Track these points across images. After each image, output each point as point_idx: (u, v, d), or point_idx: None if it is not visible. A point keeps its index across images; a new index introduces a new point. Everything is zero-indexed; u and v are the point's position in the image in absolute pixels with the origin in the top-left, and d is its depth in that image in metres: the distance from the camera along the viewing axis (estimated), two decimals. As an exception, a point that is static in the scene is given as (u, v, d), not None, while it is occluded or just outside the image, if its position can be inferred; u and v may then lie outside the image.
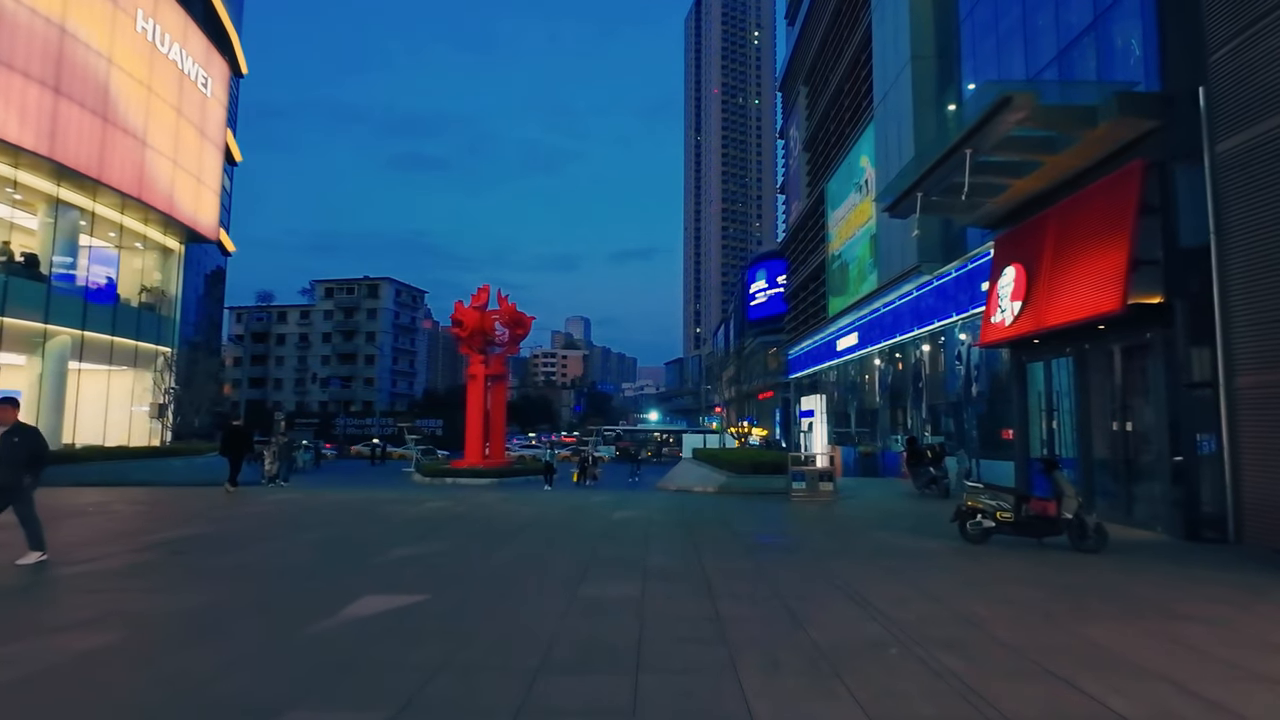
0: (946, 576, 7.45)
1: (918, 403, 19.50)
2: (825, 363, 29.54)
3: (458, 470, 27.75)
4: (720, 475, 17.55)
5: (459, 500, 15.10)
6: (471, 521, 11.55)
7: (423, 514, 12.50)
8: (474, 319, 30.41)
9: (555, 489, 20.01)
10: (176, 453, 23.42)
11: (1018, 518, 8.99)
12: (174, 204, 30.11)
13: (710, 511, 13.11)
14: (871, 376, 24.33)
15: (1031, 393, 13.87)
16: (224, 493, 15.56)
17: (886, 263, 20.35)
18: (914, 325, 19.26)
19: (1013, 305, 13.00)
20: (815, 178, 31.13)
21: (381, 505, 14.09)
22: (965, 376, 16.38)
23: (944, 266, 17.32)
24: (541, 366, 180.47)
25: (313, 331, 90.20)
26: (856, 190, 23.83)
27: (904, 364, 20.99)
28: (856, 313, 24.42)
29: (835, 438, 29.45)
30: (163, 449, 23.68)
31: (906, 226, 18.70)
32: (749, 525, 11.29)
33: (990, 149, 11.25)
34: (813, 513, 13.02)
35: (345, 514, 12.58)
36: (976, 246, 15.93)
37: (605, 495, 16.43)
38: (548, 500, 15.40)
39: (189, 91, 31.28)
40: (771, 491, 16.20)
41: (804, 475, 14.92)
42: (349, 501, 14.98)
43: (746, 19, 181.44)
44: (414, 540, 9.47)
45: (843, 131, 26.16)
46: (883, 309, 21.94)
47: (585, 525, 11.19)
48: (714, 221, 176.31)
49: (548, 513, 12.81)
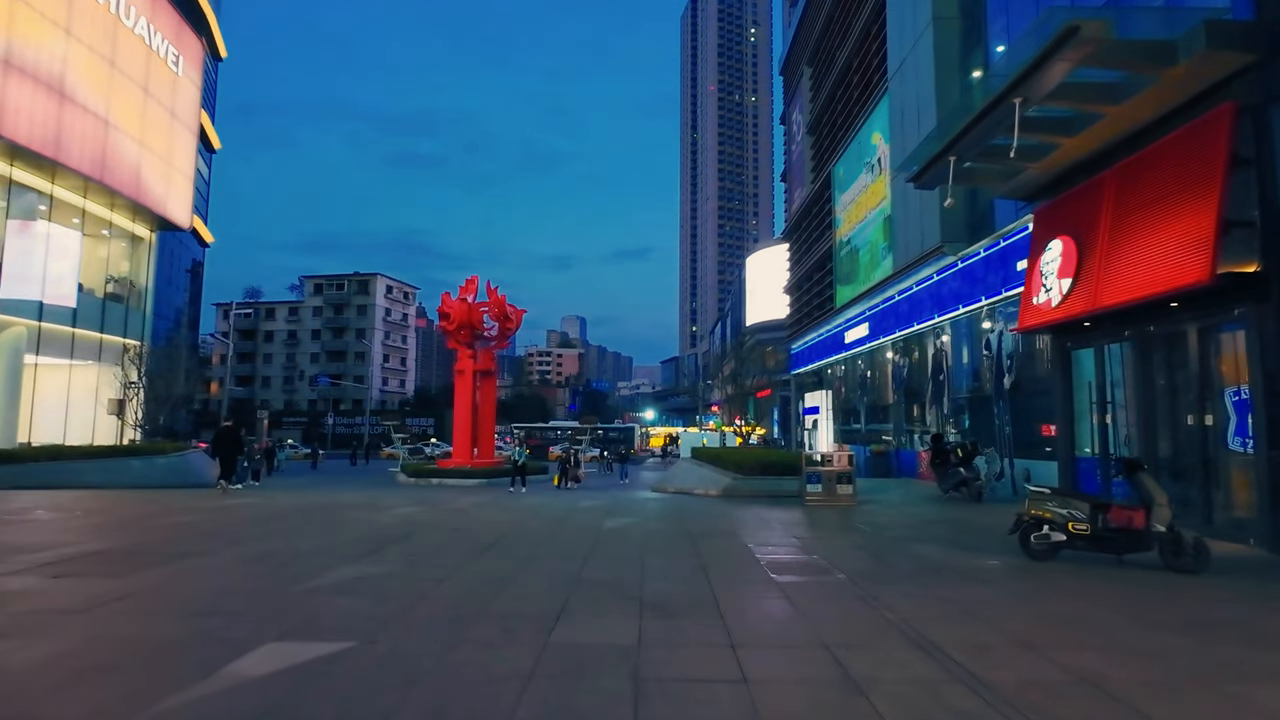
0: (1026, 609, 5.84)
1: (938, 397, 17.94)
2: (832, 356, 27.96)
3: (444, 470, 26.23)
4: (725, 477, 15.94)
5: (434, 505, 13.45)
6: (439, 532, 9.90)
7: (387, 522, 10.86)
8: (461, 311, 28.84)
9: (537, 492, 18.30)
10: (137, 452, 21.67)
11: (1095, 530, 7.39)
12: (141, 188, 28.36)
13: (716, 519, 11.49)
14: (884, 370, 22.75)
15: (1078, 383, 12.29)
16: (219, 491, 16.03)
17: (903, 246, 18.77)
18: (935, 312, 17.68)
19: (1060, 283, 11.41)
20: (820, 162, 29.55)
21: (346, 511, 12.44)
22: (995, 366, 14.80)
23: (971, 246, 15.74)
24: (537, 365, 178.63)
25: (301, 328, 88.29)
26: (867, 170, 22.24)
27: (922, 355, 19.41)
28: (867, 302, 22.84)
29: (842, 436, 27.86)
30: (120, 449, 21.93)
31: (926, 205, 17.12)
32: (764, 536, 9.67)
33: (1043, 98, 9.64)
34: (834, 520, 11.40)
35: (299, 522, 10.93)
36: (1008, 222, 14.35)
37: (594, 500, 14.80)
38: (530, 507, 13.75)
39: (157, 70, 29.52)
40: (782, 495, 14.60)
41: (820, 477, 13.31)
42: (312, 506, 13.32)
43: (743, 15, 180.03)
44: (363, 557, 7.83)
45: (851, 110, 24.57)
46: (898, 297, 20.36)
47: (571, 537, 9.56)
48: (710, 219, 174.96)
49: (529, 521, 11.17)
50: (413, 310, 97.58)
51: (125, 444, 24.21)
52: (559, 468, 21.98)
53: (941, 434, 15.67)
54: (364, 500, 14.47)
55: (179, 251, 37.94)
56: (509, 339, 32.12)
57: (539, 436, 55.85)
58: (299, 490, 18.57)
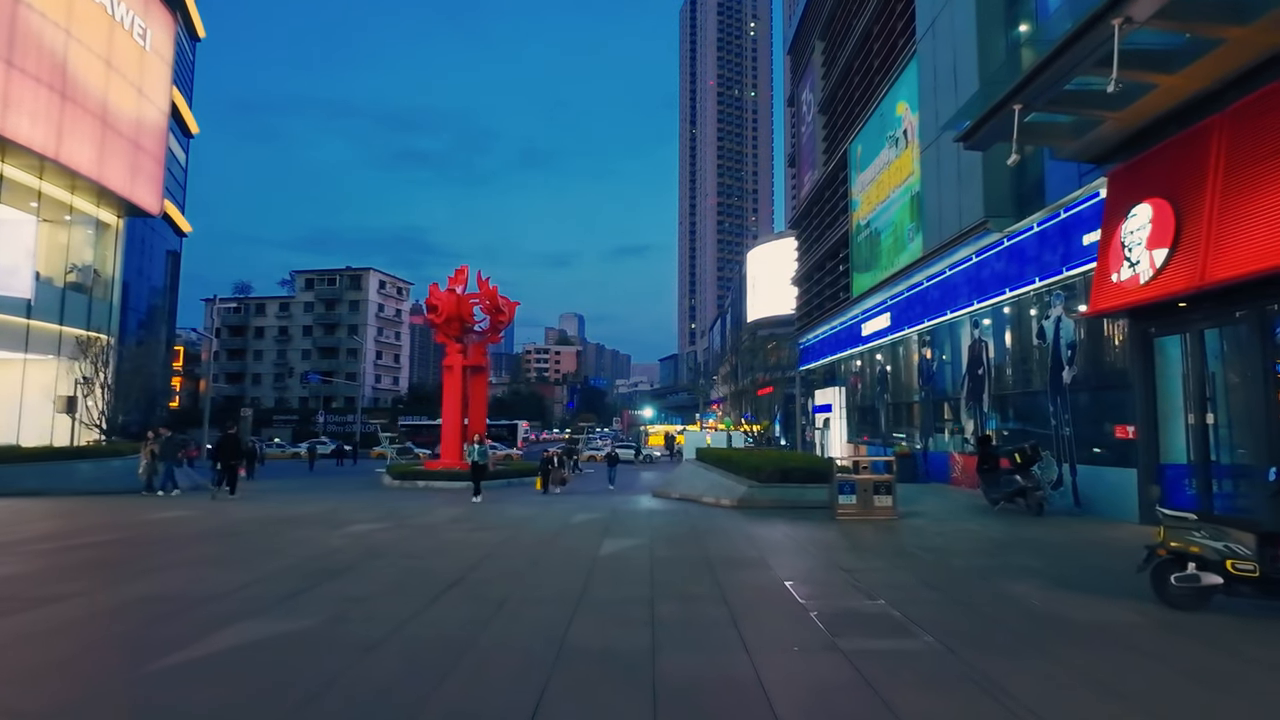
0: (1230, 702, 3.87)
1: (977, 394, 15.96)
2: (846, 350, 25.99)
3: (431, 472, 24.43)
4: (739, 484, 13.96)
5: (401, 520, 11.46)
6: (394, 561, 7.91)
7: (335, 545, 8.87)
8: (450, 303, 26.94)
9: (520, 501, 16.27)
10: (87, 454, 19.68)
11: (1265, 570, 5.44)
12: (104, 169, 26.30)
13: (736, 539, 9.52)
14: (908, 364, 20.77)
15: (1167, 376, 10.34)
16: (210, 499, 15.49)
17: (935, 225, 16.80)
18: (974, 298, 15.71)
19: (1152, 255, 9.45)
20: (833, 142, 27.56)
21: (295, 528, 10.46)
22: (1052, 358, 12.84)
23: (1020, 222, 13.76)
24: (534, 362, 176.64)
25: (293, 324, 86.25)
26: (891, 144, 20.25)
27: (955, 347, 17.45)
28: (890, 290, 20.85)
29: (857, 435, 25.92)
30: (67, 450, 19.97)
31: (966, 177, 15.15)
32: (802, 567, 7.71)
33: (1150, 16, 7.67)
34: (879, 541, 9.43)
35: (227, 546, 8.95)
36: (1067, 190, 12.38)
37: (589, 512, 12.79)
38: (513, 521, 11.75)
39: (122, 42, 27.45)
40: (806, 506, 12.64)
41: (854, 487, 11.33)
42: (260, 521, 11.34)
43: (742, 10, 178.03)
44: (280, 603, 5.85)
45: (871, 81, 22.57)
46: (926, 283, 18.38)
47: (558, 568, 7.58)
48: (709, 215, 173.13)
49: (508, 544, 9.18)
50: (407, 306, 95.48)
51: (76, 445, 22.18)
52: (541, 469, 19.70)
53: (990, 435, 13.69)
54: (323, 513, 12.47)
55: (153, 241, 35.81)
56: (501, 333, 30.16)
57: (426, 434, 53.33)
58: (264, 498, 16.58)
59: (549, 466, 19.34)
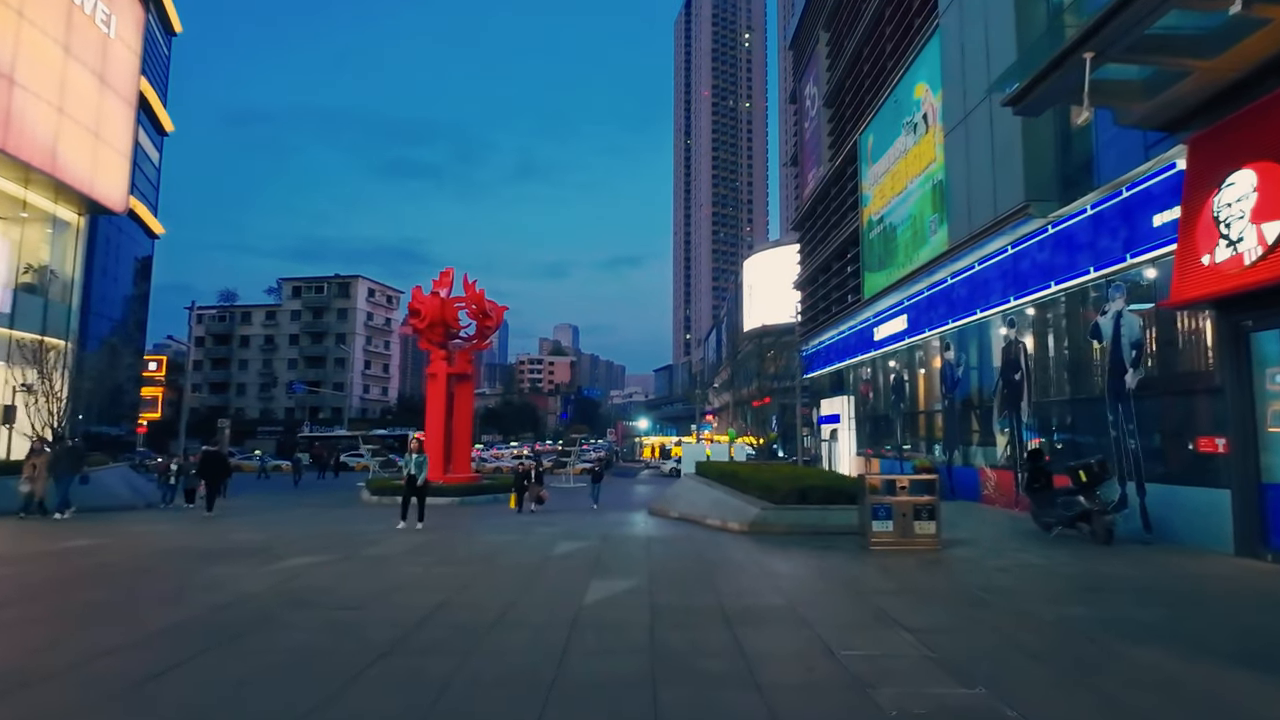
0: None
1: (1014, 401, 14.23)
2: (856, 356, 24.28)
3: None
4: (750, 505, 12.15)
5: (351, 549, 9.60)
6: (315, 615, 6.06)
7: (250, 591, 7.02)
8: (433, 307, 25.19)
9: (493, 523, 14.40)
10: (14, 470, 17.71)
11: None
12: (59, 162, 24.48)
13: (755, 579, 7.73)
14: (928, 369, 19.05)
15: (1267, 378, 8.62)
16: (201, 518, 14.96)
17: (962, 215, 15.15)
18: (1009, 294, 14.02)
19: (1260, 230, 7.77)
20: (840, 135, 25.99)
21: (217, 562, 8.61)
22: (1111, 358, 11.14)
23: (1069, 205, 12.11)
24: (528, 373, 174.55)
25: (279, 333, 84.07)
26: (908, 130, 18.65)
27: (985, 349, 15.74)
28: (907, 290, 19.17)
29: (868, 446, 24.17)
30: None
31: (1002, 158, 13.51)
32: (847, 623, 5.92)
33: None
34: (932, 582, 7.65)
35: (115, 590, 7.11)
36: (1124, 168, 10.74)
37: (574, 541, 10.93)
38: (482, 554, 9.91)
39: (81, 27, 25.72)
40: (829, 531, 10.85)
41: (890, 511, 9.54)
42: (177, 552, 9.50)
43: (737, 21, 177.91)
44: (108, 699, 4.02)
45: (883, 66, 21.02)
46: (951, 279, 16.70)
47: (528, 630, 5.74)
48: (704, 225, 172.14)
49: (473, 586, 7.34)
50: (397, 315, 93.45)
51: (9, 460, 20.18)
52: (515, 485, 17.68)
53: (1040, 449, 11.94)
54: (267, 540, 10.58)
55: (122, 243, 33.95)
56: (489, 339, 28.38)
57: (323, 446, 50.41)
58: (219, 519, 14.72)
59: (524, 482, 17.27)
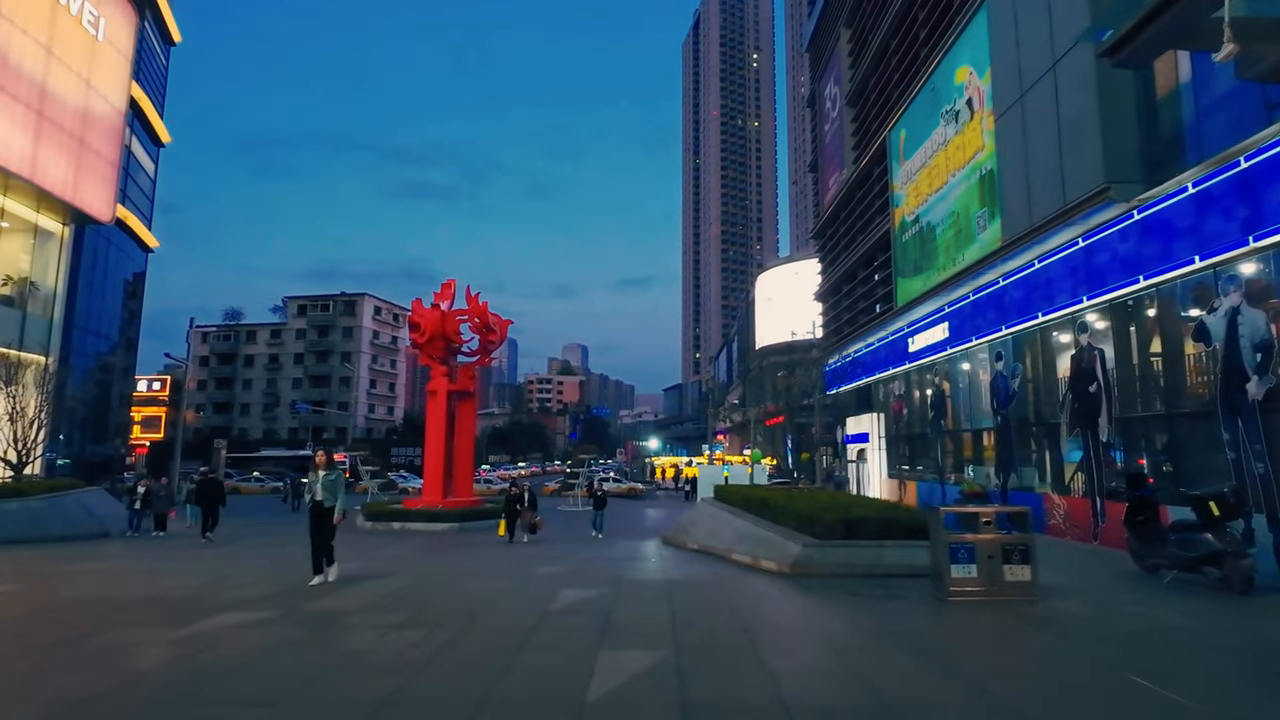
0: None
1: (1088, 417, 12.30)
2: (888, 370, 22.37)
3: (410, 512, 21.01)
4: (787, 540, 10.21)
5: (294, 603, 7.76)
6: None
7: (132, 674, 5.19)
8: (434, 320, 23.64)
9: (483, 557, 12.51)
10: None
11: None
12: (39, 168, 23.14)
13: (817, 652, 5.83)
14: (976, 382, 17.12)
15: None
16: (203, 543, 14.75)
17: (1020, 206, 13.36)
18: (1081, 293, 12.16)
19: None
20: (865, 135, 24.34)
21: (119, 620, 6.81)
22: (1224, 364, 9.26)
23: (1160, 186, 10.30)
24: (536, 393, 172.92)
25: (284, 352, 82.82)
26: (948, 119, 16.92)
27: (1048, 359, 13.84)
28: (948, 294, 17.32)
29: (902, 468, 22.17)
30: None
31: (1070, 137, 11.73)
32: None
33: None
34: (1063, 662, 5.72)
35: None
36: (1238, 136, 8.94)
37: (579, 586, 9.04)
38: (464, 606, 8.04)
39: (67, 27, 24.55)
40: (886, 573, 8.92)
41: (973, 551, 7.62)
42: (87, 603, 7.70)
43: (745, 42, 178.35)
44: None
45: (915, 55, 19.41)
46: (1005, 280, 14.85)
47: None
48: (713, 245, 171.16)
49: (438, 664, 5.42)
50: (403, 333, 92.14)
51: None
52: (506, 510, 15.47)
53: (1143, 473, 9.99)
54: (195, 588, 8.75)
55: (111, 256, 32.56)
56: (492, 355, 26.70)
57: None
58: (177, 552, 12.94)
59: (516, 506, 15.19)
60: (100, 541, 15.44)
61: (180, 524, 18.97)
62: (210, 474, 18.60)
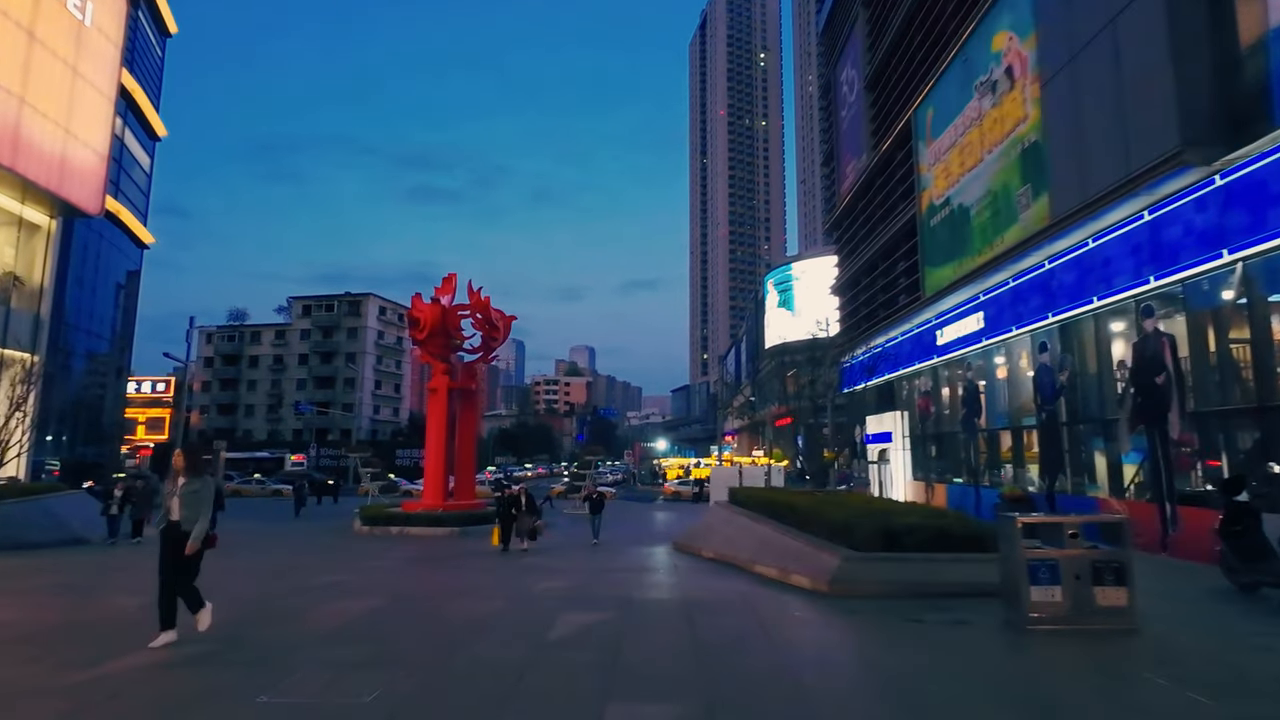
0: None
1: (1155, 412, 10.97)
2: (913, 365, 21.04)
3: (410, 516, 20.05)
4: (822, 553, 8.92)
5: (242, 631, 6.54)
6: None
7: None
8: (434, 315, 22.58)
9: (476, 569, 11.28)
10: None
11: None
12: (20, 155, 22.11)
13: (892, 711, 4.58)
14: (1017, 376, 15.78)
15: None
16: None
17: (1071, 178, 12.05)
18: (1148, 273, 10.84)
19: None
20: (885, 120, 23.02)
21: (17, 651, 5.60)
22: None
23: (1249, 147, 8.98)
24: (543, 394, 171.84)
25: (288, 353, 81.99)
26: (983, 92, 15.61)
27: (1103, 348, 12.51)
28: (982, 281, 15.99)
29: (929, 470, 20.82)
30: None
31: (1135, 97, 10.41)
32: None
33: None
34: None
35: None
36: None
37: (581, 607, 7.78)
38: (446, 637, 6.79)
39: (51, 11, 23.52)
40: (946, 593, 7.63)
41: (1057, 570, 6.32)
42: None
43: (752, 42, 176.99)
44: None
45: (943, 28, 18.10)
46: (1052, 262, 13.52)
47: None
48: (721, 245, 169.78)
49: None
50: (409, 333, 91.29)
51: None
52: (500, 514, 13.75)
53: (1240, 476, 8.65)
54: (129, 613, 7.55)
55: (105, 252, 31.58)
56: (495, 352, 25.54)
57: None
58: (132, 562, 11.78)
59: (512, 510, 13.51)
60: (72, 550, 14.30)
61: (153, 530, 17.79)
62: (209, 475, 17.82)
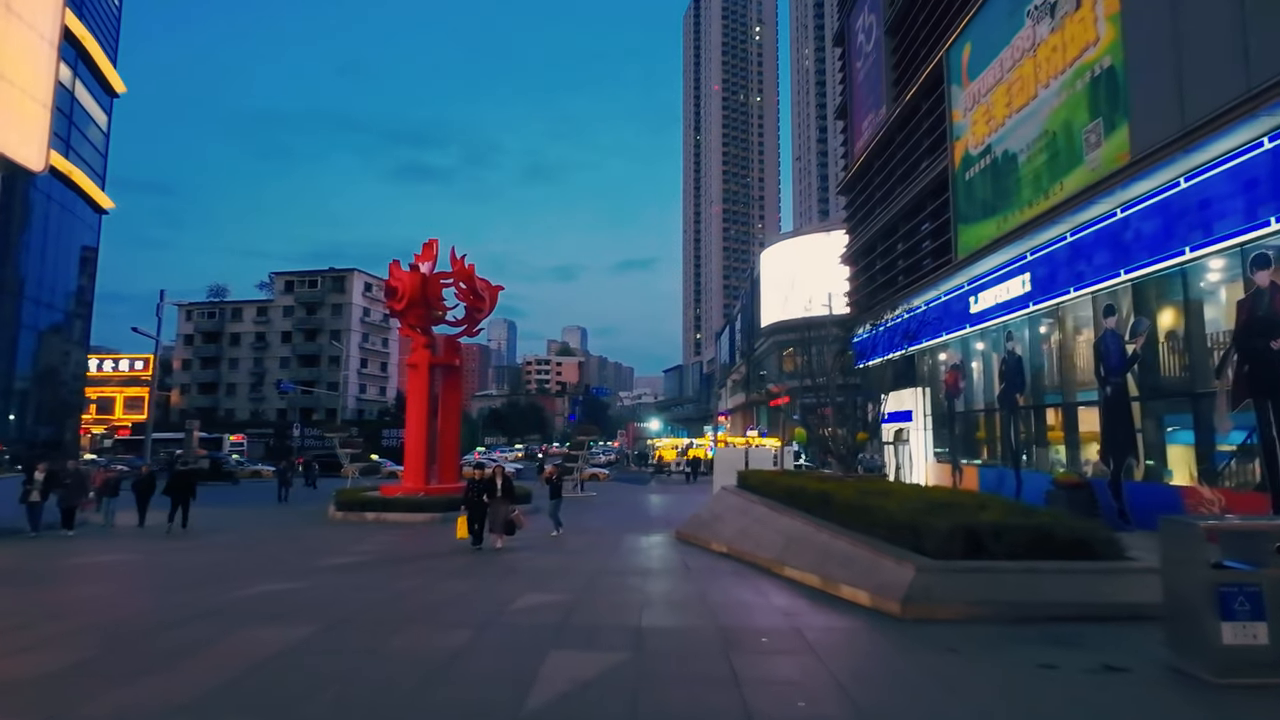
0: None
1: (1269, 382, 9.11)
2: (940, 336, 19.10)
3: (389, 501, 18.27)
4: (887, 559, 7.00)
5: (112, 663, 4.59)
6: None
7: None
8: (413, 284, 20.61)
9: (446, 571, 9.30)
10: None
11: None
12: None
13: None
14: (1072, 345, 13.87)
15: None
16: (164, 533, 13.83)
17: (1159, 103, 10.04)
18: (1266, 214, 8.86)
19: None
20: (911, 64, 20.83)
21: None
22: None
23: None
24: (535, 374, 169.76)
25: (271, 330, 79.35)
26: (1038, 16, 13.48)
27: (1191, 309, 10.60)
28: (1031, 238, 13.98)
29: (955, 451, 19.00)
30: None
31: None
32: None
33: None
34: None
35: None
36: None
37: (577, 645, 5.84)
38: (367, 698, 4.81)
39: (-23, -62, 20.95)
40: (1056, 615, 5.73)
41: (1259, 597, 4.42)
42: None
43: (747, 15, 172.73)
44: None
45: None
46: (1126, 211, 11.53)
47: None
48: (715, 222, 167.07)
49: None
50: (386, 304, 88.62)
51: None
52: (468, 501, 11.66)
53: None
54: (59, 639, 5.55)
55: (56, 216, 29.03)
56: (479, 325, 23.35)
57: None
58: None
59: (482, 497, 11.37)
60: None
61: (95, 518, 15.76)
62: (183, 467, 17.46)
